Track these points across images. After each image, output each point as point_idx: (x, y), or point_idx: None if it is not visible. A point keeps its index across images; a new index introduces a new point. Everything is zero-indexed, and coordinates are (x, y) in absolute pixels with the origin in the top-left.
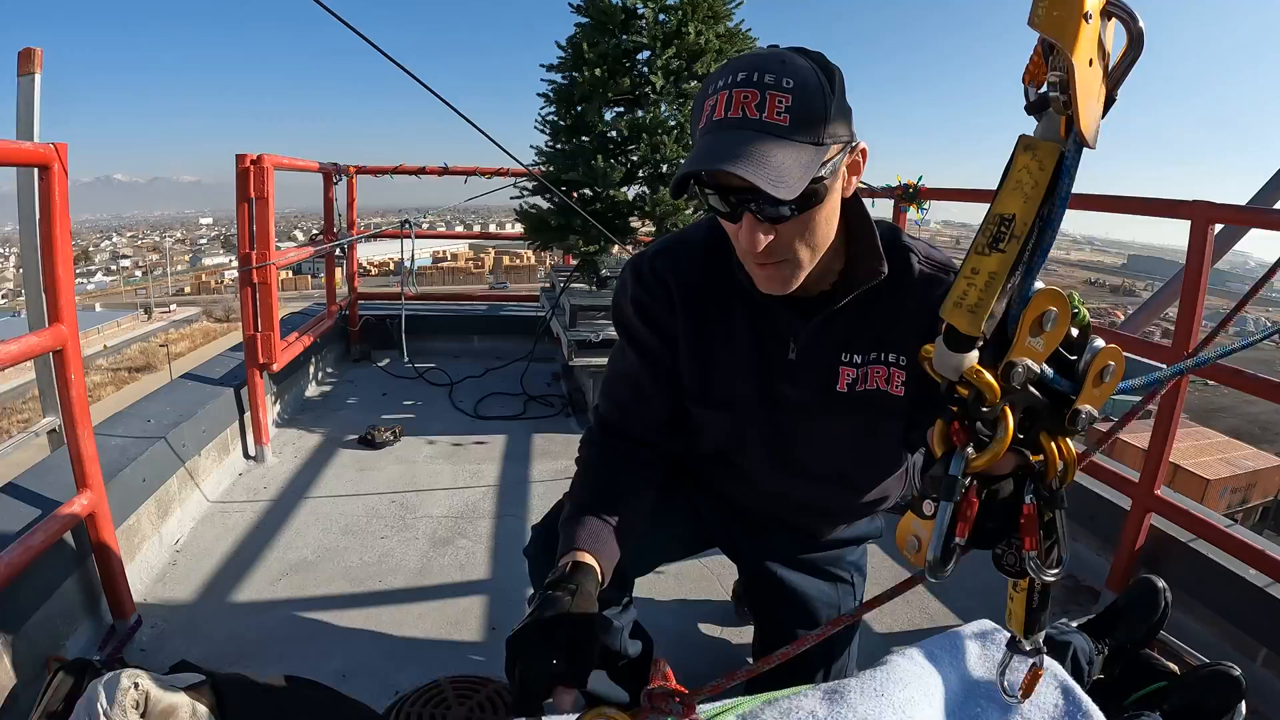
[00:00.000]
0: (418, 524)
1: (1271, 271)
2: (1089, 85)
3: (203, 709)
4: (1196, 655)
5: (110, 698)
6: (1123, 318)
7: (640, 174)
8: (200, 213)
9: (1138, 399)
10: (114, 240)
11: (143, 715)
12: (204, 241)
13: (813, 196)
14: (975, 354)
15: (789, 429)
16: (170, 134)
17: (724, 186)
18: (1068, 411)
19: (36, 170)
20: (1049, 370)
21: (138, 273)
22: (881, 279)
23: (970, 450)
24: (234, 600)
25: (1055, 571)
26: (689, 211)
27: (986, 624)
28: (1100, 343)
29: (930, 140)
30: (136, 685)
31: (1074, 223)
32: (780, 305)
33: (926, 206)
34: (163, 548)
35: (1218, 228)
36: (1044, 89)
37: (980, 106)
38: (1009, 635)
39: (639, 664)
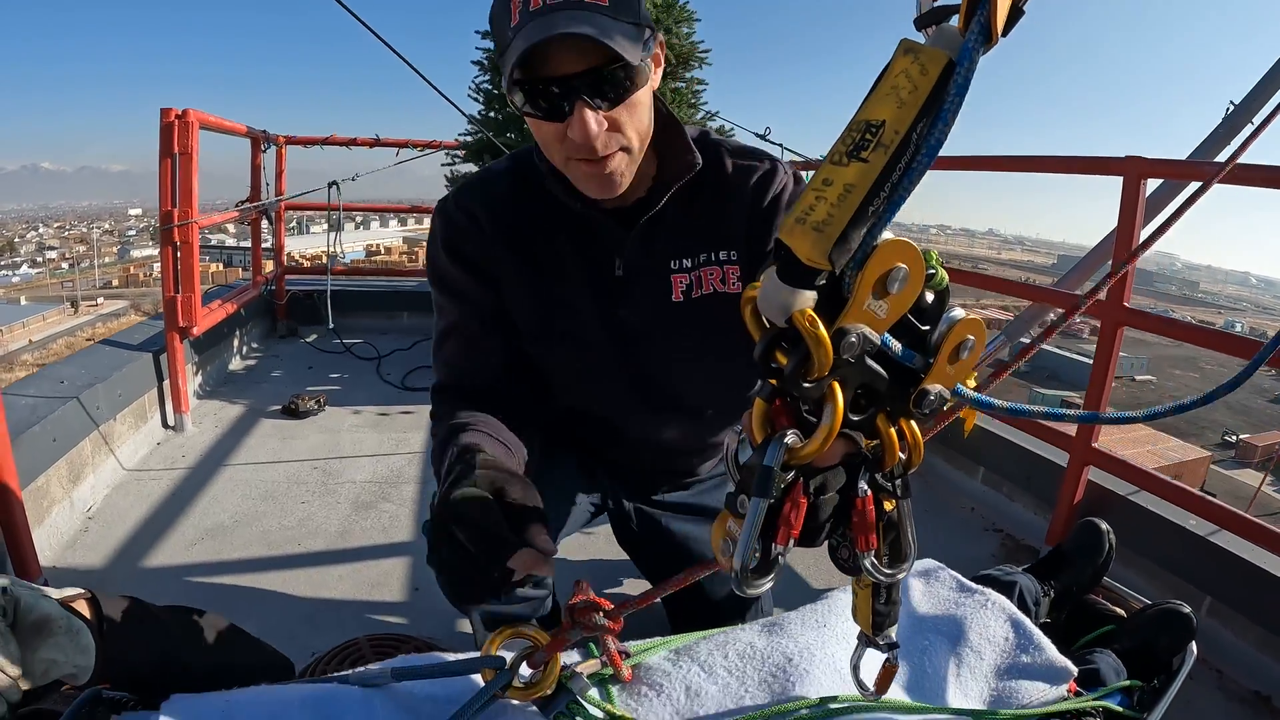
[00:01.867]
0: (340, 489)
1: (1185, 208)
2: None
3: (78, 624)
4: (1142, 599)
5: None
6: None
7: None
8: (129, 203)
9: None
10: (40, 231)
11: (12, 626)
12: (133, 233)
13: (638, 76)
14: (812, 296)
15: (638, 356)
16: (99, 121)
17: (550, 79)
18: (913, 391)
19: None
20: (893, 342)
21: (64, 265)
22: (696, 173)
23: (792, 437)
24: (146, 566)
25: (897, 570)
26: None
27: (930, 563)
28: (960, 312)
29: None
30: (5, 591)
31: (1005, 223)
32: (601, 220)
33: None
34: (74, 514)
35: (1152, 184)
36: None
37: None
38: (947, 574)
39: None
